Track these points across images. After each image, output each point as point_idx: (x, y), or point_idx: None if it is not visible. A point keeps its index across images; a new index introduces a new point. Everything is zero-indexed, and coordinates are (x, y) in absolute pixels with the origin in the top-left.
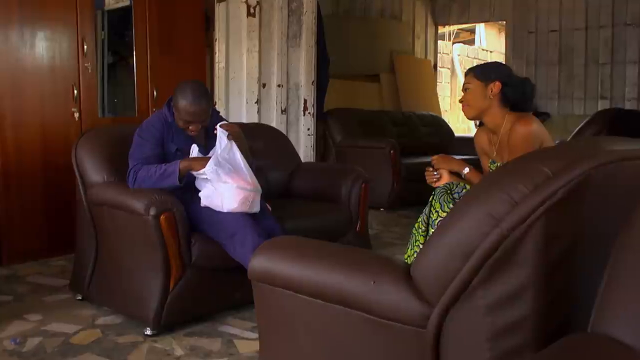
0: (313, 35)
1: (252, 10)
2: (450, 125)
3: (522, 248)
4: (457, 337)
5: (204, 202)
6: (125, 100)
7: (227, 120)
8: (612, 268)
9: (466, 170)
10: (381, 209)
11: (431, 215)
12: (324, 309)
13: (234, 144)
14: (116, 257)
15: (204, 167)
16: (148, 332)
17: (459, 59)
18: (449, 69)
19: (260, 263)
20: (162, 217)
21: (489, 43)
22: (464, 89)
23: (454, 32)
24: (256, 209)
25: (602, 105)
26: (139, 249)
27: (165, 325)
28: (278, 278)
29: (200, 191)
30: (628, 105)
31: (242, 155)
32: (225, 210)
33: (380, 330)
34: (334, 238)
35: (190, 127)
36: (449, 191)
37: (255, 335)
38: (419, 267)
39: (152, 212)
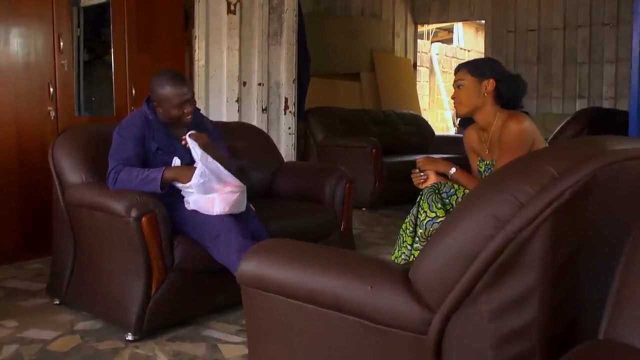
0: (294, 33)
1: (232, 8)
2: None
3: (528, 251)
4: (459, 343)
5: (191, 207)
6: (102, 99)
7: (208, 117)
8: (626, 270)
9: (453, 170)
10: (363, 209)
11: (419, 216)
12: (317, 314)
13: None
14: (96, 260)
15: (190, 181)
16: (129, 337)
17: (437, 58)
18: (427, 67)
19: (250, 267)
20: (143, 218)
21: (467, 42)
22: (457, 86)
23: (433, 31)
24: (243, 207)
25: (580, 104)
26: (120, 252)
27: (148, 330)
28: (269, 283)
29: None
30: (606, 104)
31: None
32: (215, 214)
33: (377, 336)
34: (318, 239)
35: (185, 111)
36: (437, 191)
37: (240, 339)
38: (418, 271)
39: (134, 213)
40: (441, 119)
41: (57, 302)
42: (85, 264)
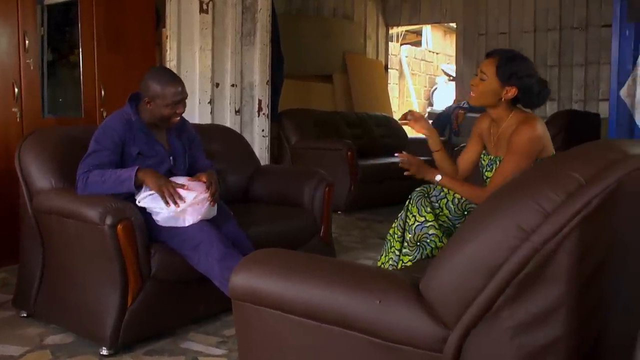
0: (268, 33)
1: (205, 7)
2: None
3: (554, 262)
4: None
5: (163, 224)
6: (67, 100)
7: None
8: None
9: (438, 177)
10: (338, 212)
11: (408, 221)
12: (318, 330)
13: None
14: (67, 270)
15: (159, 187)
16: (104, 352)
17: (406, 60)
18: (397, 70)
19: (242, 280)
20: (119, 226)
21: (435, 45)
22: (480, 78)
23: (402, 34)
24: (214, 212)
25: (551, 106)
26: (93, 262)
27: (123, 344)
28: (264, 297)
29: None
30: (575, 107)
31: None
32: (187, 225)
33: (387, 354)
34: (297, 245)
35: (177, 111)
36: (426, 195)
37: (221, 351)
38: (431, 283)
39: (108, 221)
40: None
41: (25, 315)
42: (55, 274)
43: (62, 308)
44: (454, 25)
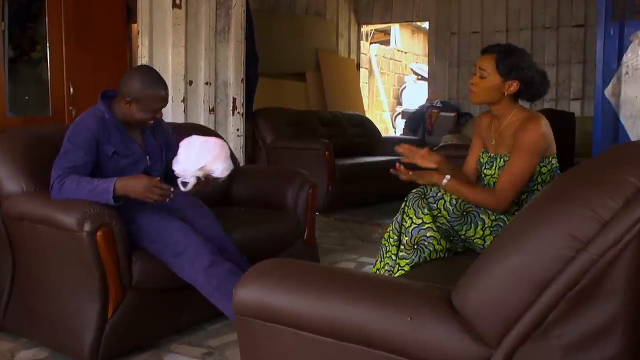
0: (242, 30)
1: (178, 2)
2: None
3: (612, 275)
4: None
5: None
6: (31, 98)
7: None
8: None
9: (447, 179)
10: (317, 213)
11: (404, 223)
12: (338, 349)
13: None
14: (40, 281)
15: (144, 193)
16: None
17: (376, 59)
18: (367, 69)
19: (249, 294)
20: (98, 233)
21: (404, 44)
22: (480, 76)
23: (371, 33)
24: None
25: (523, 106)
26: (70, 271)
27: (103, 359)
28: (275, 312)
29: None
30: (547, 106)
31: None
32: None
33: None
34: (282, 249)
35: (156, 116)
36: (423, 196)
37: None
38: (468, 298)
39: (87, 227)
40: (380, 120)
41: None
42: (27, 284)
43: (34, 321)
44: (422, 24)
